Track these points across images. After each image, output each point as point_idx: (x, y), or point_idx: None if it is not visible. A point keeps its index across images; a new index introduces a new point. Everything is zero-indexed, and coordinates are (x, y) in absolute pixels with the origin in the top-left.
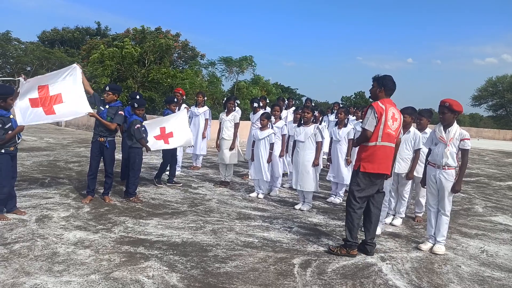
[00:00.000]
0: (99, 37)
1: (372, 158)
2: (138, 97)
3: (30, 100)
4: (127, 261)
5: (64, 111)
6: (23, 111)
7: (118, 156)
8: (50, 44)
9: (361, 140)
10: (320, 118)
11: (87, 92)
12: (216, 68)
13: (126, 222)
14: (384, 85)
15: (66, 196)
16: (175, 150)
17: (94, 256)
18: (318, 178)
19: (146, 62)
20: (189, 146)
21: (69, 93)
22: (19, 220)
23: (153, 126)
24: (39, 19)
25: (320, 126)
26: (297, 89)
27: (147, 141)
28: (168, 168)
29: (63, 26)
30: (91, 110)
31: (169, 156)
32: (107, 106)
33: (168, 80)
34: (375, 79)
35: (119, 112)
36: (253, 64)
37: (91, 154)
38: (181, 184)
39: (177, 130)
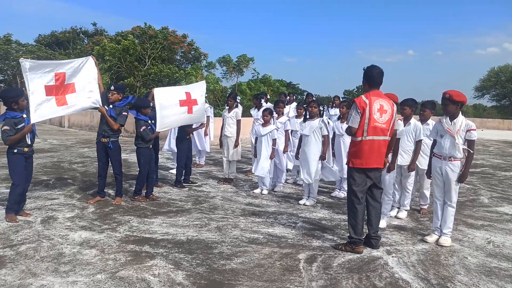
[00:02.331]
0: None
1: (360, 153)
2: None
3: (46, 88)
4: (132, 260)
5: (75, 102)
6: (35, 102)
7: (122, 155)
8: (49, 47)
9: (348, 135)
10: (322, 112)
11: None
12: (216, 69)
13: (131, 221)
14: (367, 78)
15: (71, 197)
16: (190, 151)
17: (100, 256)
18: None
19: (147, 61)
20: (199, 124)
21: (82, 84)
22: (24, 222)
23: (178, 91)
24: (38, 23)
25: (325, 119)
26: (299, 84)
27: (155, 134)
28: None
29: (61, 30)
30: (101, 104)
31: (183, 159)
32: (111, 106)
33: (176, 74)
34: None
35: (123, 112)
36: (251, 61)
37: (97, 155)
38: (197, 184)
39: (199, 100)
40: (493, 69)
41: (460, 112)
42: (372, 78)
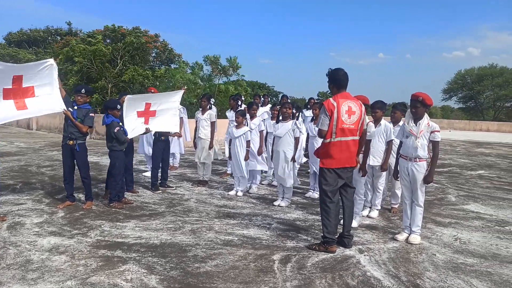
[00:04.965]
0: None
1: (329, 154)
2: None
3: (4, 91)
4: (104, 265)
5: (35, 107)
6: None
7: (93, 159)
8: (17, 45)
9: (319, 137)
10: (297, 114)
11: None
12: (201, 69)
13: (102, 226)
14: (334, 81)
15: (39, 201)
16: (167, 153)
17: (70, 262)
18: (296, 173)
19: (118, 62)
20: (174, 135)
21: (43, 88)
22: None
23: (139, 100)
24: (7, 20)
25: (298, 122)
26: (274, 86)
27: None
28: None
29: (29, 27)
30: (65, 108)
31: (158, 162)
32: (75, 107)
33: (140, 77)
34: (327, 75)
35: (90, 114)
36: (238, 66)
37: (63, 158)
38: (174, 188)
39: (162, 111)
40: (460, 72)
41: (426, 114)
42: (339, 81)
